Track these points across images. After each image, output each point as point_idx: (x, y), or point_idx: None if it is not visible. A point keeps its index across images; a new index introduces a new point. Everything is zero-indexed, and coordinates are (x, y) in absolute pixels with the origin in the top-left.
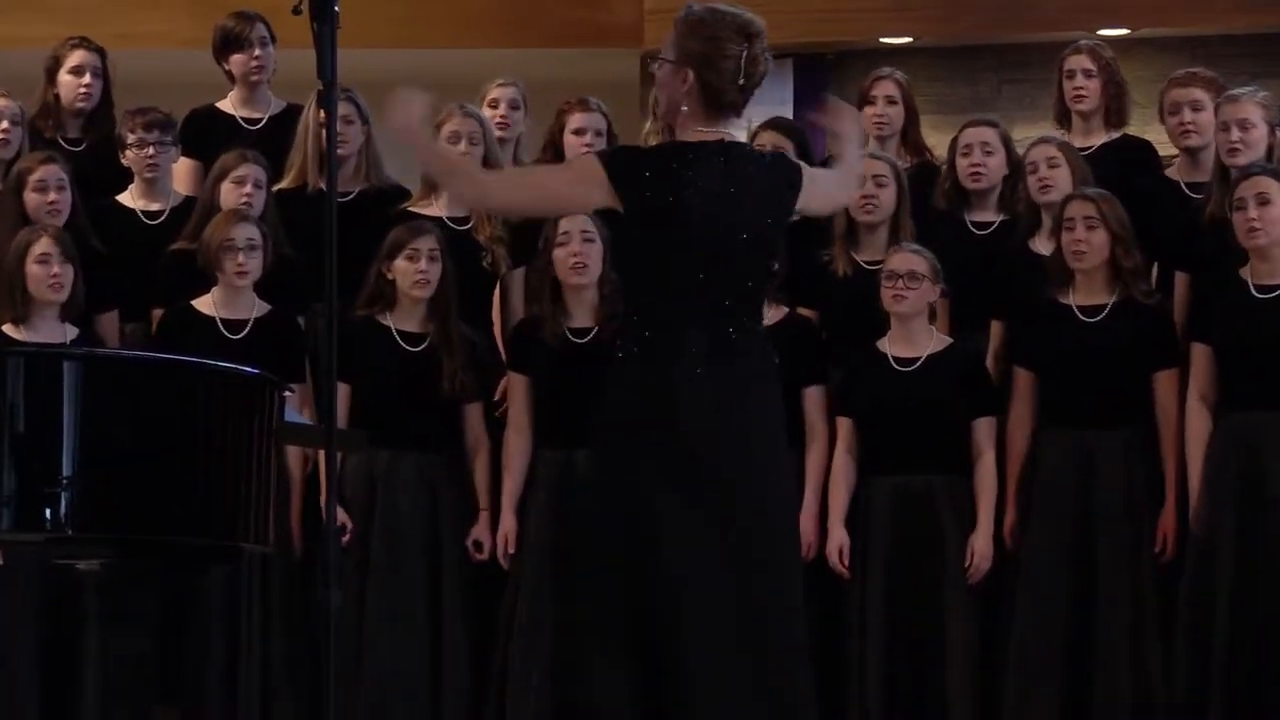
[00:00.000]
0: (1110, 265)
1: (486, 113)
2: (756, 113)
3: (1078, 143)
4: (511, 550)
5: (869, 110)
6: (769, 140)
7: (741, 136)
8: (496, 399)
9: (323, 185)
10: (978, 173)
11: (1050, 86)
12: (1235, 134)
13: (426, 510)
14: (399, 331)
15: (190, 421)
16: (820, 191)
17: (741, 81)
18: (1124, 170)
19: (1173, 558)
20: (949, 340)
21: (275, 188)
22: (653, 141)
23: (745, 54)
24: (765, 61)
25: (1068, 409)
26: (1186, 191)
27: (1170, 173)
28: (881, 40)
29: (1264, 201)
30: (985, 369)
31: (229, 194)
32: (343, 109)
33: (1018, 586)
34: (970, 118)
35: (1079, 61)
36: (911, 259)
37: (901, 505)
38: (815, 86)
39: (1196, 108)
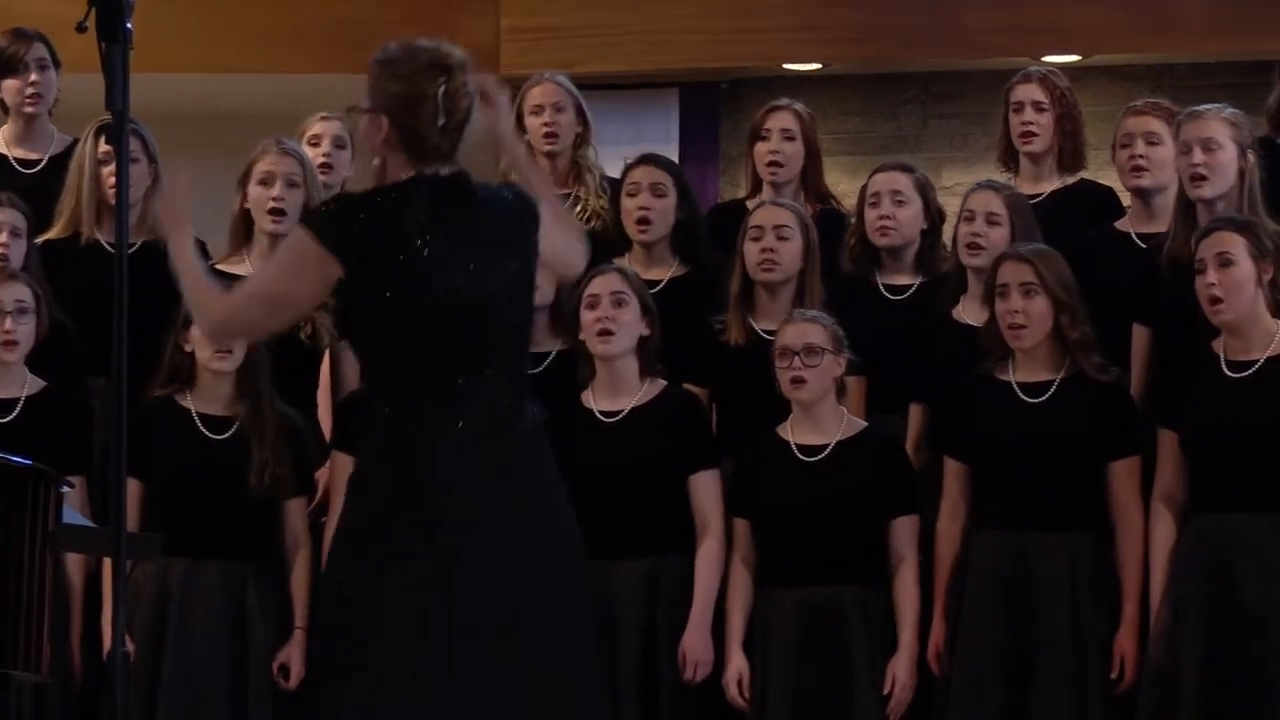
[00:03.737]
0: (1054, 336)
1: (306, 151)
2: (634, 150)
3: (1026, 189)
4: None
5: (761, 148)
6: (643, 177)
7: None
8: (318, 496)
9: (99, 235)
10: (886, 227)
11: (988, 121)
12: (1198, 156)
13: (230, 629)
14: (201, 415)
15: None
16: (550, 243)
17: (442, 121)
18: (1083, 221)
19: (1130, 686)
20: (863, 424)
21: (40, 239)
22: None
23: (443, 90)
24: (467, 96)
25: (1005, 507)
26: (1139, 244)
27: (1121, 224)
28: (785, 66)
29: (1226, 263)
30: (906, 458)
31: None
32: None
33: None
34: (891, 160)
35: (1028, 92)
36: (806, 330)
37: (806, 622)
38: (705, 120)
39: (1152, 140)
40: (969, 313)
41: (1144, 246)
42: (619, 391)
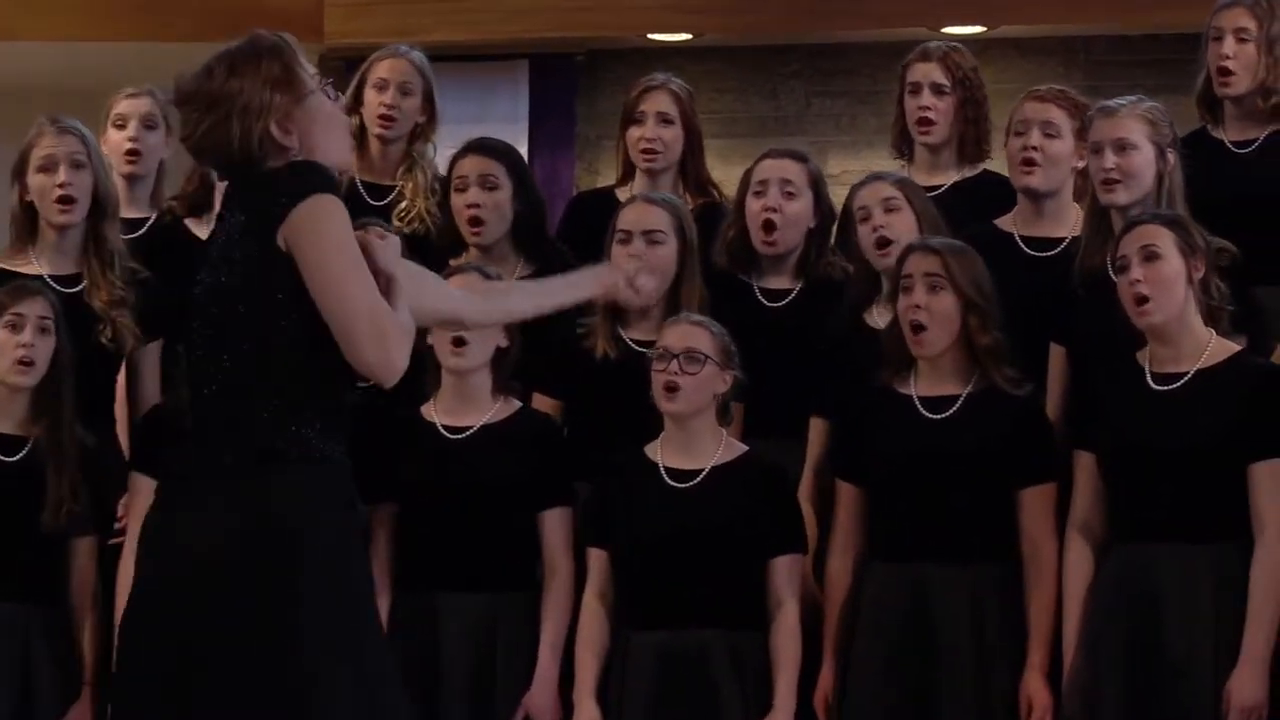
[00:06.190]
0: (962, 343)
1: (112, 135)
2: (478, 129)
3: (921, 181)
4: None
5: (635, 132)
6: (471, 169)
7: None
8: (118, 522)
9: None
10: (770, 221)
11: (879, 100)
12: (1110, 159)
13: (12, 686)
14: None
15: None
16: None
17: None
18: (984, 218)
19: None
20: (743, 448)
21: None
22: None
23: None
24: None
25: (903, 537)
26: (1023, 248)
27: (1003, 222)
28: (650, 36)
29: (1151, 256)
30: (791, 489)
31: None
32: None
33: None
34: (770, 144)
35: (926, 72)
36: (692, 333)
37: (667, 669)
38: (559, 97)
39: (1049, 133)
40: (884, 318)
41: (1030, 252)
42: (467, 407)
